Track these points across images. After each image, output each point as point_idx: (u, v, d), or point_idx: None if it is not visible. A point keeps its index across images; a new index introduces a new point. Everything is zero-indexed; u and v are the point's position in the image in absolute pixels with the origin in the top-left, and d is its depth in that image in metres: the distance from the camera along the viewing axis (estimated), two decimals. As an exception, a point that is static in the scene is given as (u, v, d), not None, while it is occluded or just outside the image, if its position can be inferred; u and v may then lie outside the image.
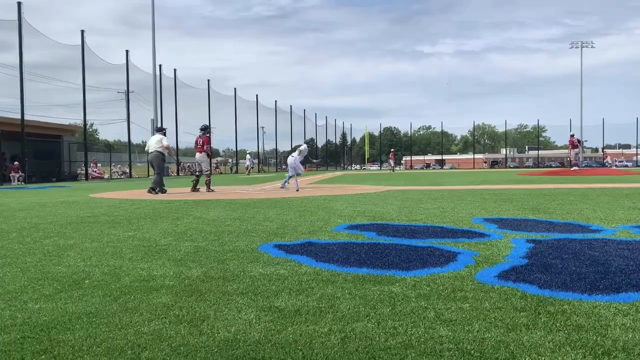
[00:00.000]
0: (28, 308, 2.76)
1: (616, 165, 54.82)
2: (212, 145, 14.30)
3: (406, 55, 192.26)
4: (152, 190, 12.85)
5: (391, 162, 45.55)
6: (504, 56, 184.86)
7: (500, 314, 2.53)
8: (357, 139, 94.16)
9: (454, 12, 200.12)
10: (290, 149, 66.87)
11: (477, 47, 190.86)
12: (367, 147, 77.16)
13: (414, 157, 77.25)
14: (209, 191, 13.35)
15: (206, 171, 13.93)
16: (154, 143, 13.17)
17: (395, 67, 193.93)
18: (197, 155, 13.75)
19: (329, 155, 76.01)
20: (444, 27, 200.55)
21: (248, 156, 41.19)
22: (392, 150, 50.45)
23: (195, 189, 13.57)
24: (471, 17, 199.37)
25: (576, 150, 25.92)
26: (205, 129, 14.01)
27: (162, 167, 13.47)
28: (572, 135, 26.06)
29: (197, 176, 13.83)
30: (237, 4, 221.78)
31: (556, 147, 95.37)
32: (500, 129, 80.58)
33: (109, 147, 40.09)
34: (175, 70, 39.41)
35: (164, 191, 12.99)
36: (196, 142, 13.76)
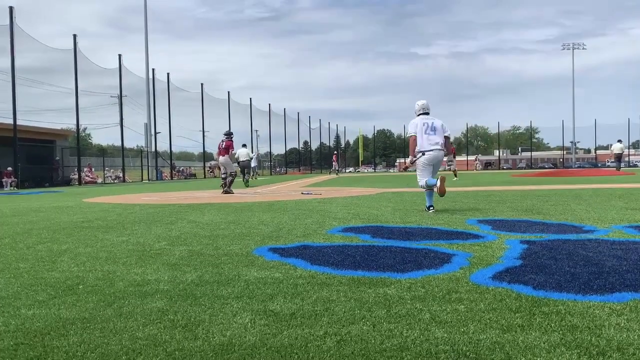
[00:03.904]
0: (21, 314, 2.74)
1: (609, 165, 55.01)
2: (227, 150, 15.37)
3: (401, 57, 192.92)
4: (246, 184, 16.43)
5: (334, 164, 43.77)
6: (498, 57, 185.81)
7: (495, 315, 2.53)
8: (351, 142, 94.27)
9: (448, 13, 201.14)
10: (284, 152, 67.01)
11: (472, 48, 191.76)
12: (361, 150, 77.16)
13: (409, 160, 77.23)
14: (225, 192, 14.04)
15: (232, 172, 14.63)
16: (244, 154, 17.59)
17: (389, 69, 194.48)
18: (221, 158, 14.72)
19: (323, 158, 76.03)
20: (438, 28, 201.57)
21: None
22: (335, 152, 49.41)
23: (227, 191, 14.26)
24: (465, 18, 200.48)
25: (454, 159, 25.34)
26: (229, 135, 15.04)
27: (249, 170, 17.79)
28: (451, 143, 25.69)
29: (224, 178, 14.57)
30: (229, 6, 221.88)
31: (549, 149, 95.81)
32: (494, 130, 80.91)
33: (102, 152, 39.96)
34: (168, 74, 39.35)
35: (247, 185, 17.19)
36: (219, 147, 14.95)
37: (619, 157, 32.07)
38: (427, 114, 7.84)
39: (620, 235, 5.00)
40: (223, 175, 14.71)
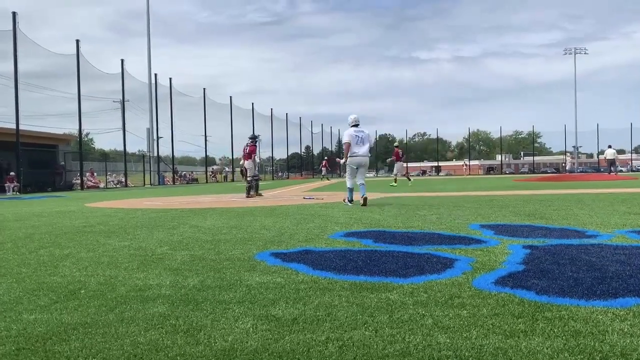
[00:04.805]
0: (23, 319, 2.74)
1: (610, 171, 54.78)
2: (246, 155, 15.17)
3: (403, 61, 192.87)
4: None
5: (323, 170, 45.50)
6: (500, 61, 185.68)
7: (498, 321, 2.52)
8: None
9: (449, 17, 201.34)
10: (286, 156, 67.06)
11: (474, 52, 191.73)
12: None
13: (410, 164, 77.34)
14: (249, 196, 14.14)
15: (249, 177, 14.63)
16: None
17: (391, 74, 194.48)
18: (245, 162, 14.70)
19: (325, 163, 75.89)
20: (440, 32, 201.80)
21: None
22: (325, 158, 50.48)
23: (257, 194, 14.45)
24: (467, 22, 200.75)
25: (402, 163, 23.73)
26: (254, 138, 14.98)
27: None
28: (397, 147, 24.43)
29: (252, 182, 14.66)
30: (231, 11, 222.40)
31: (551, 153, 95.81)
32: (496, 135, 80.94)
33: (105, 156, 40.04)
34: (170, 79, 39.48)
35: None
36: (244, 150, 14.90)
37: (612, 162, 32.81)
38: (357, 125, 10.33)
39: (623, 240, 4.98)
40: (255, 178, 14.76)
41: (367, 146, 10.22)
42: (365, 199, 9.88)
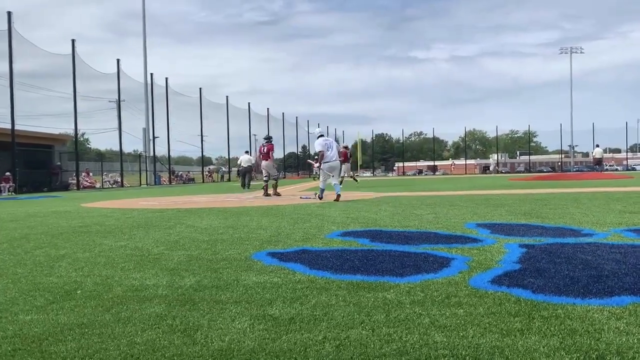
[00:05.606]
0: (19, 320, 2.73)
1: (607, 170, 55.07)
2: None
3: (401, 60, 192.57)
4: (248, 187, 16.70)
5: (315, 169, 46.57)
6: (497, 61, 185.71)
7: (494, 319, 2.53)
8: (350, 146, 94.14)
9: (447, 16, 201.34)
10: (283, 156, 67.02)
11: (472, 52, 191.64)
12: (359, 154, 77.06)
13: (407, 164, 77.39)
14: (275, 195, 14.35)
15: (274, 176, 14.86)
16: (246, 160, 18.53)
17: (389, 73, 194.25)
18: (264, 162, 14.91)
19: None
20: (437, 32, 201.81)
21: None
22: (316, 158, 51.45)
23: (267, 193, 14.58)
24: (465, 22, 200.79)
25: (348, 164, 23.43)
26: (269, 139, 15.16)
27: (251, 175, 18.59)
28: (346, 147, 24.13)
29: (266, 181, 14.86)
30: (229, 10, 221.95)
31: (547, 152, 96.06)
32: (492, 134, 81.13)
33: (101, 156, 39.94)
34: (166, 79, 39.37)
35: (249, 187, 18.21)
36: (260, 151, 15.26)
37: (599, 161, 33.96)
38: (323, 136, 12.21)
39: (618, 238, 5.00)
40: (265, 179, 14.88)
41: (335, 151, 11.94)
42: (338, 196, 11.33)
